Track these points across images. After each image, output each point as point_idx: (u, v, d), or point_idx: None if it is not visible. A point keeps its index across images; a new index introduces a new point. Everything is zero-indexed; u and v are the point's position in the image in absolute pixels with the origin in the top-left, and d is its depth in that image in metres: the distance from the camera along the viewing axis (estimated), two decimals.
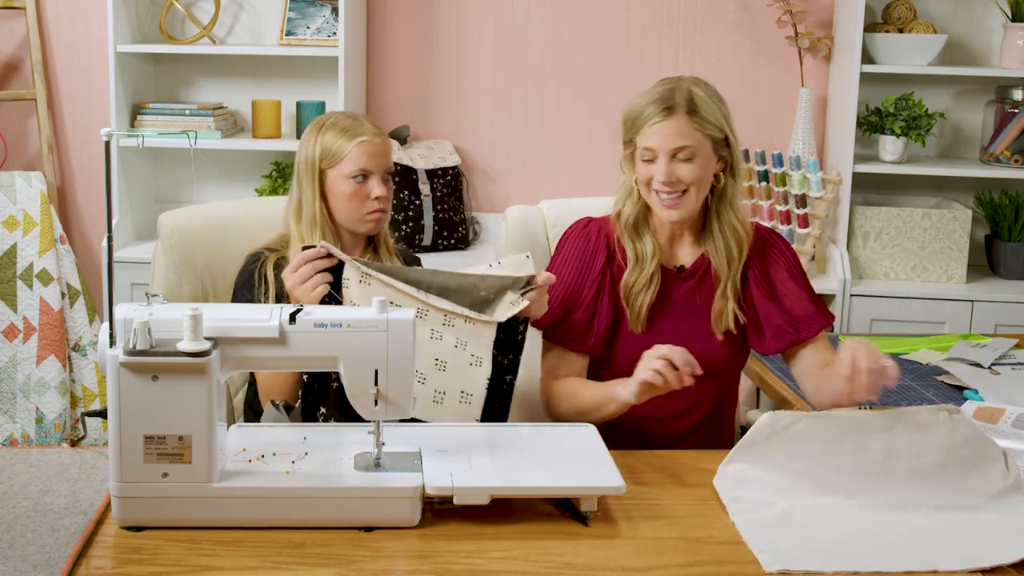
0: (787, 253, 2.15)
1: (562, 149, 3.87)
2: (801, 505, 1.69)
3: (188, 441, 1.58)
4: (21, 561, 1.47)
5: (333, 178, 2.18)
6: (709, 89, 2.06)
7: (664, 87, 2.04)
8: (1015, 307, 3.44)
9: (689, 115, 1.99)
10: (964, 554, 1.56)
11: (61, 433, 3.47)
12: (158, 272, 2.36)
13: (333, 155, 2.17)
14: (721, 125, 2.03)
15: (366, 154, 2.17)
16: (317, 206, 2.18)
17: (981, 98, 3.75)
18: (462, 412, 1.94)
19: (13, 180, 3.56)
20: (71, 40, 3.86)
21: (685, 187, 2.01)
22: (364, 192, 2.17)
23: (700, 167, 2.01)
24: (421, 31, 3.85)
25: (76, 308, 3.56)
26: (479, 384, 1.93)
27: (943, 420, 1.76)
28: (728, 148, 2.06)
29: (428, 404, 1.93)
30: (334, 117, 2.22)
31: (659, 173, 2.00)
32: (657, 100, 2.01)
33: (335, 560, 1.53)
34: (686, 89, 2.02)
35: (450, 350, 1.91)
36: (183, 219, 2.40)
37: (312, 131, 2.22)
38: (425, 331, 1.91)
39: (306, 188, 2.19)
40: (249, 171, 3.89)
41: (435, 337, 1.91)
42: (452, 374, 1.91)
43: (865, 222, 3.54)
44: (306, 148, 2.21)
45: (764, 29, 3.75)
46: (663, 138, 1.99)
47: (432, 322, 1.92)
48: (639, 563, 1.54)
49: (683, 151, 2.00)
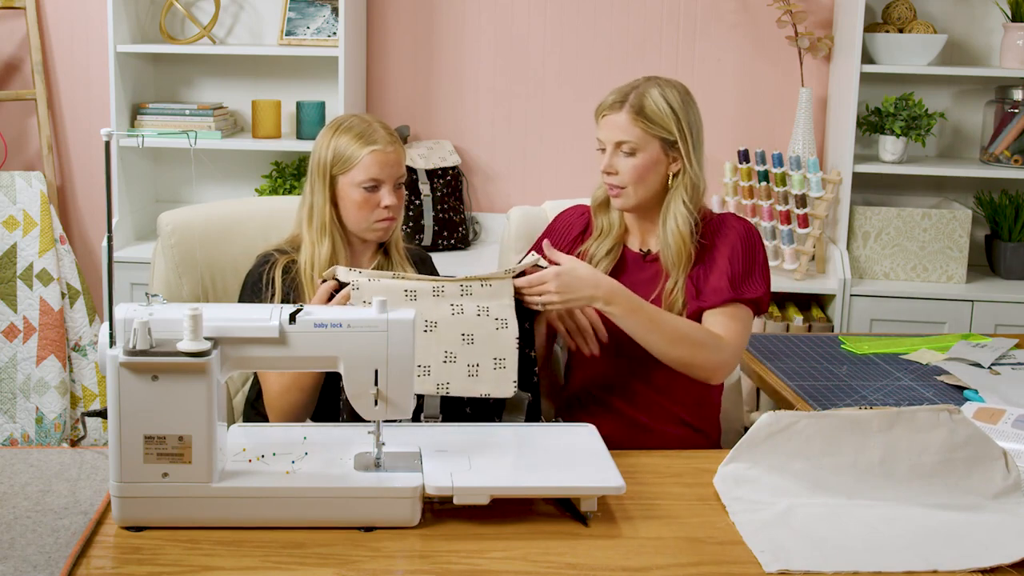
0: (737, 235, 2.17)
1: (562, 149, 3.87)
2: (801, 505, 1.70)
3: (188, 441, 1.58)
4: (21, 561, 1.47)
5: (344, 184, 2.17)
6: (673, 92, 2.13)
7: (630, 84, 2.16)
8: (1015, 307, 3.44)
9: (635, 113, 2.11)
10: (964, 554, 1.56)
11: (61, 433, 3.47)
12: (158, 272, 2.36)
13: (345, 161, 2.16)
14: (668, 126, 2.11)
15: (378, 163, 2.16)
16: (327, 212, 2.17)
17: (981, 98, 3.75)
18: (498, 379, 1.91)
19: (13, 180, 3.56)
20: (71, 40, 3.86)
21: (624, 181, 2.13)
22: (374, 201, 2.16)
23: (643, 163, 2.12)
24: (421, 31, 3.85)
25: (76, 308, 3.56)
26: (509, 346, 1.91)
27: (943, 420, 1.76)
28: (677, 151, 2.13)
29: (464, 380, 1.91)
30: (350, 121, 2.20)
31: (602, 163, 2.15)
32: (615, 94, 2.15)
33: (335, 560, 1.53)
34: (643, 89, 2.13)
35: (473, 320, 1.90)
36: (183, 219, 2.40)
37: (327, 132, 2.20)
38: (445, 308, 1.91)
39: (317, 192, 2.18)
40: (249, 171, 3.89)
41: (456, 311, 1.90)
42: (481, 344, 1.90)
43: (865, 222, 3.54)
44: (319, 150, 2.19)
45: (764, 29, 3.76)
46: (608, 131, 2.14)
47: (450, 296, 1.91)
48: (639, 563, 1.54)
49: (624, 145, 2.12)
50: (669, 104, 2.12)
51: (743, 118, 3.81)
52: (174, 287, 2.34)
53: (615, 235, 2.23)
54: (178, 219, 2.39)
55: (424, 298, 1.91)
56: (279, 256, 2.19)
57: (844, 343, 2.74)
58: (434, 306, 1.91)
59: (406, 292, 1.90)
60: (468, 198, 3.87)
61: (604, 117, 2.15)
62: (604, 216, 2.25)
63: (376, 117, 2.25)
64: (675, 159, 2.14)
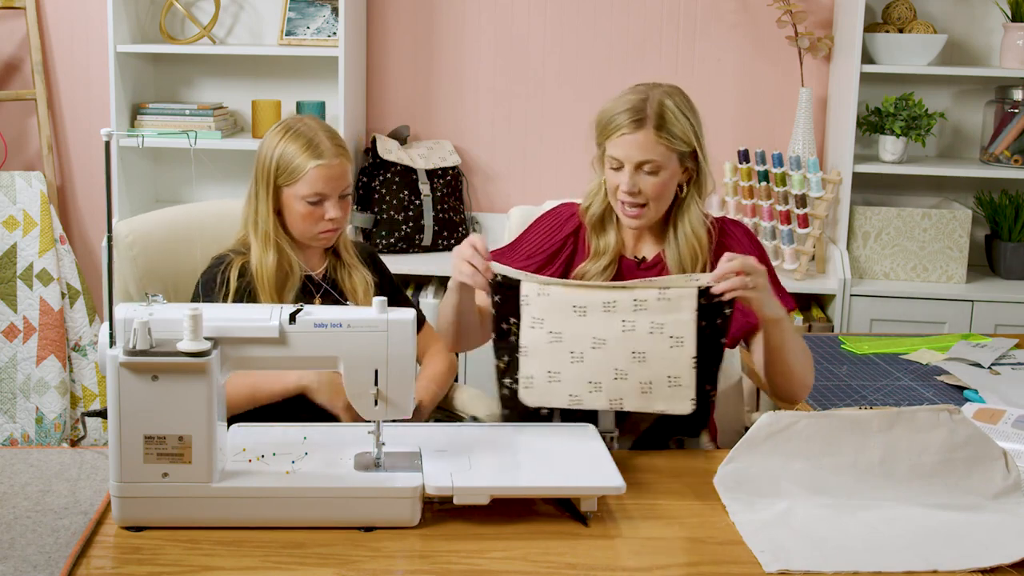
0: (744, 242, 2.15)
1: (562, 149, 3.87)
2: (801, 505, 1.70)
3: (188, 441, 1.58)
4: (21, 561, 1.47)
5: (288, 195, 2.16)
6: (681, 100, 2.06)
7: (636, 96, 2.04)
8: (1015, 307, 3.44)
9: (657, 130, 2.01)
10: (964, 554, 1.56)
11: (61, 433, 3.46)
12: (120, 286, 2.27)
13: (290, 173, 2.14)
14: (689, 139, 2.04)
15: (323, 178, 2.14)
16: (271, 221, 2.16)
17: (981, 98, 3.75)
18: (673, 395, 1.83)
19: (13, 180, 3.56)
20: (71, 40, 3.86)
21: (647, 199, 2.05)
22: (318, 214, 2.15)
23: (664, 180, 2.04)
24: (421, 31, 3.85)
25: (76, 308, 3.56)
26: (685, 364, 1.81)
27: (943, 420, 1.76)
28: (695, 160, 2.08)
29: (636, 396, 1.83)
30: (297, 127, 2.17)
31: (623, 183, 2.03)
32: (628, 110, 2.02)
33: (335, 560, 1.53)
34: (657, 101, 2.03)
35: (645, 338, 1.80)
36: (140, 227, 2.34)
37: (274, 136, 2.18)
38: (616, 325, 1.82)
39: (261, 199, 2.17)
40: (249, 171, 3.85)
41: (627, 328, 1.81)
42: (653, 362, 1.81)
43: (865, 222, 3.54)
44: (265, 153, 2.18)
45: (764, 29, 3.75)
46: (629, 150, 2.02)
47: (622, 311, 1.82)
48: (639, 563, 1.54)
49: (648, 164, 2.02)
50: (685, 115, 2.04)
51: (743, 118, 3.81)
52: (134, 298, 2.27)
53: (612, 252, 2.14)
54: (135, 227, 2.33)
55: (594, 312, 1.82)
56: (235, 256, 2.17)
57: (844, 343, 2.74)
58: (604, 322, 1.82)
59: (575, 308, 1.82)
60: (468, 198, 3.87)
61: (621, 136, 2.02)
62: (601, 237, 2.15)
63: (324, 124, 2.22)
64: (687, 167, 2.08)
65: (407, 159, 3.66)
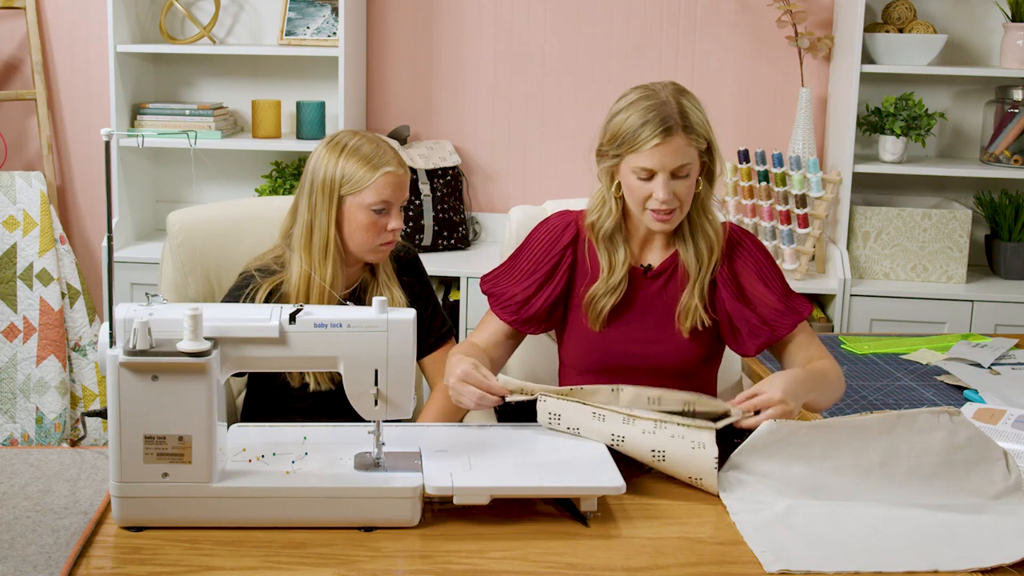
0: (756, 253, 2.14)
1: (562, 149, 3.87)
2: (802, 505, 1.69)
3: (188, 441, 1.58)
4: (21, 561, 1.47)
5: (351, 206, 2.11)
6: (692, 97, 2.04)
7: (653, 102, 1.99)
8: (1015, 307, 3.44)
9: (686, 132, 1.98)
10: (964, 554, 1.56)
11: (61, 433, 3.47)
12: (165, 271, 2.36)
13: (356, 182, 2.10)
14: (708, 135, 2.03)
15: (390, 186, 2.12)
16: (331, 235, 2.12)
17: (981, 98, 3.75)
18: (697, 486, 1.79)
19: (13, 180, 3.56)
20: (71, 40, 3.86)
21: (680, 202, 2.02)
22: (382, 224, 2.12)
23: (692, 181, 2.03)
24: (421, 31, 3.85)
25: (76, 308, 3.56)
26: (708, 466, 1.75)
27: (943, 422, 1.76)
28: (709, 152, 2.05)
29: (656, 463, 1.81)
30: (356, 140, 2.14)
31: (660, 192, 1.98)
32: (653, 120, 1.97)
33: (335, 560, 1.53)
34: (676, 103, 1.99)
35: (667, 440, 1.78)
36: (190, 218, 2.39)
37: (332, 151, 2.13)
38: (636, 431, 1.79)
39: (320, 212, 2.12)
40: (249, 171, 3.89)
41: (647, 432, 1.79)
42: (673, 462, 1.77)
43: (865, 222, 3.54)
44: (325, 169, 2.12)
45: (764, 29, 3.75)
46: (664, 159, 1.97)
47: (641, 425, 1.80)
48: (639, 563, 1.54)
49: (682, 169, 1.99)
50: (698, 108, 2.02)
51: (743, 118, 3.81)
52: (180, 286, 2.33)
53: (625, 266, 2.09)
54: (185, 218, 2.38)
55: (613, 419, 1.81)
56: (262, 279, 2.15)
57: (844, 343, 2.74)
58: (624, 426, 1.80)
59: (594, 415, 1.82)
60: (468, 198, 3.87)
61: (655, 147, 1.96)
62: (612, 252, 2.10)
63: (378, 136, 2.20)
64: (704, 161, 2.05)
65: (407, 159, 3.66)
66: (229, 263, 2.35)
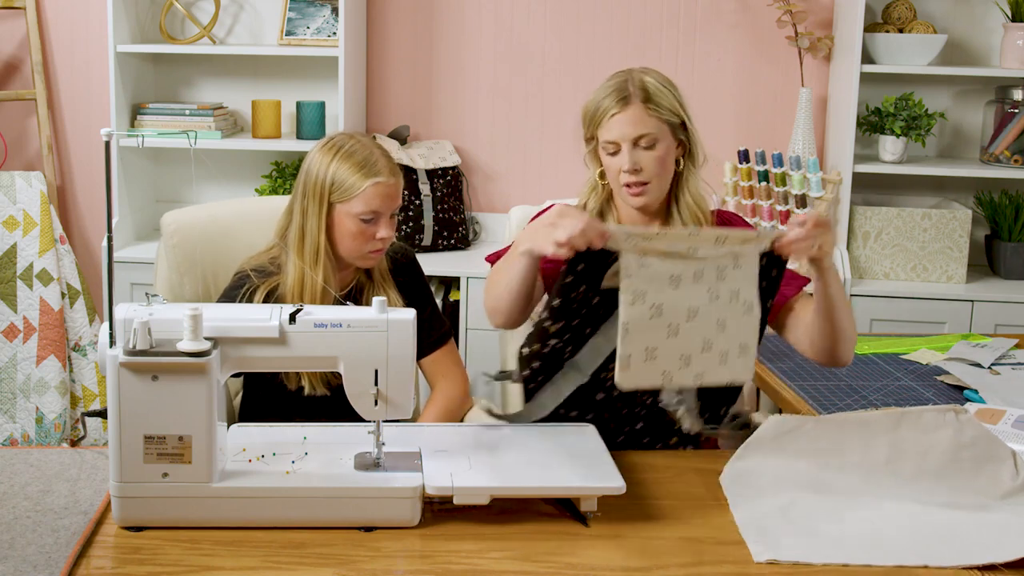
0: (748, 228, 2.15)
1: (562, 149, 3.87)
2: (804, 499, 1.69)
3: (188, 441, 1.58)
4: (21, 561, 1.47)
5: (341, 212, 2.11)
6: (660, 76, 2.11)
7: (616, 80, 2.10)
8: (1015, 307, 3.44)
9: (644, 103, 2.05)
10: (958, 551, 1.56)
11: (61, 433, 3.47)
12: (160, 272, 2.36)
13: (345, 190, 2.10)
14: (676, 110, 2.07)
15: (379, 196, 2.11)
16: (321, 240, 2.11)
17: (981, 98, 3.75)
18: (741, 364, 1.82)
19: (13, 180, 3.56)
20: (71, 40, 3.86)
21: (649, 176, 2.05)
22: (370, 232, 2.12)
23: (662, 155, 2.05)
24: (421, 31, 3.85)
25: (76, 308, 3.56)
26: (753, 330, 1.81)
27: (950, 420, 1.76)
28: (686, 131, 2.09)
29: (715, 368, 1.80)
30: (351, 145, 2.13)
31: (624, 162, 2.03)
32: (612, 93, 2.07)
33: (335, 560, 1.53)
34: (638, 79, 2.08)
35: (727, 306, 1.79)
36: (185, 219, 2.40)
37: (326, 153, 2.12)
38: (704, 294, 1.78)
39: (311, 217, 2.12)
40: (249, 171, 3.89)
41: (713, 296, 1.79)
42: (732, 331, 1.80)
43: (865, 222, 3.54)
44: (317, 171, 2.11)
45: (764, 29, 3.75)
46: (623, 128, 2.04)
47: (708, 280, 1.79)
48: (639, 563, 1.54)
49: (644, 138, 2.04)
50: (666, 87, 2.09)
51: (743, 118, 3.81)
52: (176, 287, 2.34)
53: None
54: (180, 219, 2.39)
55: (686, 283, 1.78)
56: (258, 281, 2.14)
57: None
58: (696, 292, 1.79)
59: (671, 278, 1.78)
60: (468, 198, 3.87)
61: (612, 118, 2.05)
62: None
63: (376, 142, 2.19)
64: (680, 142, 2.09)
65: (407, 159, 3.66)
66: (225, 263, 2.35)
